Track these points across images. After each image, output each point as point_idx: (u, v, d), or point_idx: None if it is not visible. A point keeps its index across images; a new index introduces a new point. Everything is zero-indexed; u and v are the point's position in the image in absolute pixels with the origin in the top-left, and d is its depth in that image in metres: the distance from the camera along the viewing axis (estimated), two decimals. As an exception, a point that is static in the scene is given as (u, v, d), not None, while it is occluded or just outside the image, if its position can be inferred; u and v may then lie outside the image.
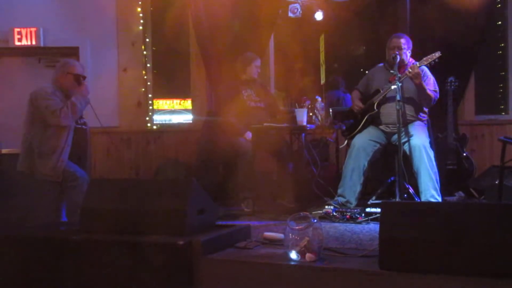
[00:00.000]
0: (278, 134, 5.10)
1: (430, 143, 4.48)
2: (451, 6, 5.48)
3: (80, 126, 4.43)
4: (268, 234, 3.32)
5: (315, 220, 2.82)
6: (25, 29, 6.51)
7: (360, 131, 4.76)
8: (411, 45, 4.70)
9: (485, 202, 4.63)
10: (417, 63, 4.56)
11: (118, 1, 6.63)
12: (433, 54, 4.46)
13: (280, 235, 3.20)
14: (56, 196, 4.26)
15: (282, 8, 6.23)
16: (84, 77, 4.47)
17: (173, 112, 7.00)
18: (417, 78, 4.42)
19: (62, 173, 4.20)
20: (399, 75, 4.40)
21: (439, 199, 4.32)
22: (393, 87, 4.46)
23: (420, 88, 4.50)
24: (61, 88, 4.34)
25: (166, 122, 6.97)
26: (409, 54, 4.69)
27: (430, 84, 4.63)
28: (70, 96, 4.34)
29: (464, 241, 2.39)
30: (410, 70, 4.40)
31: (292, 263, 2.73)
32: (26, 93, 4.35)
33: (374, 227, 3.85)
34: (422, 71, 4.62)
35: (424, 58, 4.51)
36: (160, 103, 6.99)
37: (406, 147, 4.43)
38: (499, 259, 2.33)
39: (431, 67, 4.64)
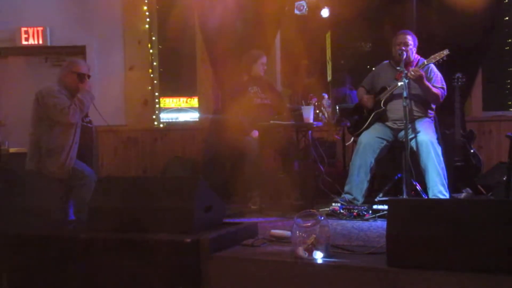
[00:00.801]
0: (285, 131, 5.10)
1: (438, 139, 4.46)
2: (458, 2, 5.44)
3: (85, 124, 4.44)
4: (275, 231, 3.31)
5: (322, 218, 2.82)
6: (32, 29, 6.54)
7: (366, 128, 4.75)
8: (416, 42, 4.70)
9: (492, 199, 4.62)
10: (425, 60, 4.55)
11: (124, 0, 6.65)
12: (441, 52, 4.44)
13: (287, 233, 3.20)
14: (64, 195, 4.28)
15: (288, 5, 6.23)
16: (89, 76, 4.49)
17: (179, 110, 7.01)
18: (419, 80, 4.41)
19: (70, 171, 4.22)
20: (406, 71, 4.39)
21: (447, 195, 4.31)
22: (400, 83, 4.45)
23: (425, 89, 4.49)
24: (66, 87, 4.35)
25: (173, 120, 6.99)
26: (414, 51, 4.68)
27: (438, 81, 4.62)
28: (75, 95, 4.36)
29: (471, 238, 2.39)
30: (413, 73, 4.37)
31: (299, 260, 2.72)
32: (33, 92, 4.36)
33: (381, 224, 3.84)
34: (429, 68, 4.61)
35: (432, 56, 4.49)
36: (167, 101, 7.00)
37: (413, 143, 4.41)
38: (507, 256, 2.32)
39: (438, 64, 4.62)
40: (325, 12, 6.08)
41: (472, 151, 5.34)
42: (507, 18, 6.35)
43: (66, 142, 4.23)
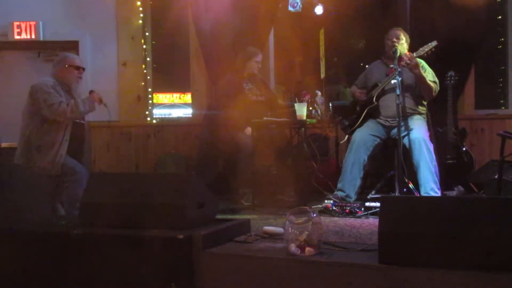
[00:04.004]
0: (278, 128, 5.10)
1: (430, 136, 4.48)
2: (452, 1, 5.46)
3: (78, 121, 4.43)
4: (268, 228, 3.32)
5: (315, 214, 2.83)
6: (24, 23, 6.49)
7: (360, 125, 4.77)
8: (409, 40, 4.74)
9: (484, 197, 4.64)
10: (414, 53, 4.56)
11: (118, -6, 6.63)
12: (429, 44, 4.47)
13: (279, 229, 3.21)
14: (54, 190, 4.27)
15: (282, 2, 6.22)
16: (83, 69, 4.49)
17: (172, 106, 7.00)
18: (415, 67, 4.42)
19: (61, 167, 4.20)
20: (399, 68, 4.40)
21: (439, 192, 4.34)
22: (393, 81, 4.46)
23: (420, 78, 4.51)
24: (62, 81, 4.34)
25: (166, 116, 6.97)
26: (406, 47, 4.71)
27: (429, 75, 4.65)
28: (71, 90, 4.35)
29: (463, 235, 2.40)
30: (408, 61, 4.39)
31: (292, 257, 2.73)
32: (25, 86, 4.35)
33: (373, 222, 3.85)
34: (420, 63, 4.63)
35: (421, 48, 4.52)
36: (160, 97, 6.99)
37: (405, 141, 4.43)
38: (498, 253, 2.34)
39: (431, 61, 4.64)
40: (319, 9, 6.08)
41: (464, 149, 5.37)
42: (499, 17, 6.37)
43: (56, 139, 4.21)
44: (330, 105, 5.54)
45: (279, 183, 5.08)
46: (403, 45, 4.66)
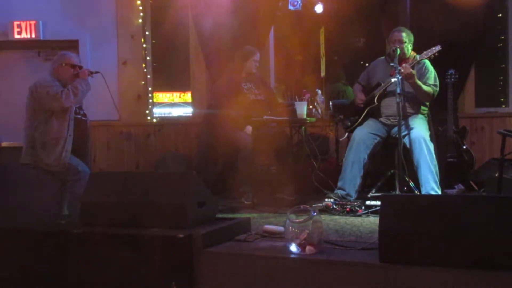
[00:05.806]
0: (278, 127, 5.10)
1: (430, 136, 4.48)
2: (452, -1, 5.46)
3: (80, 117, 4.45)
4: (268, 227, 3.32)
5: (315, 213, 2.83)
6: (24, 22, 6.49)
7: (360, 123, 4.76)
8: (412, 39, 4.70)
9: (484, 195, 4.64)
10: (418, 56, 4.56)
11: (117, -6, 6.62)
12: (433, 48, 4.46)
13: (280, 228, 3.21)
14: (58, 189, 4.28)
15: (282, 0, 6.21)
16: (81, 67, 4.52)
17: (173, 105, 7.00)
18: (410, 78, 4.41)
19: (66, 164, 4.21)
20: (399, 68, 4.40)
21: (439, 192, 4.33)
22: (393, 80, 4.45)
23: (415, 87, 4.50)
24: (59, 79, 4.38)
25: (166, 115, 6.97)
26: (410, 48, 4.69)
27: (431, 78, 4.63)
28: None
29: (463, 234, 2.40)
30: (402, 70, 4.38)
31: (292, 256, 2.74)
32: (26, 86, 4.36)
33: (374, 220, 3.85)
34: (424, 64, 4.62)
35: (424, 52, 4.51)
36: (160, 96, 6.99)
37: (406, 140, 4.43)
38: (499, 251, 2.34)
39: (432, 60, 4.63)
40: (319, 8, 6.07)
41: (464, 147, 5.36)
42: (500, 15, 6.37)
43: (60, 134, 4.24)
44: (330, 103, 5.53)
45: (279, 182, 5.08)
46: (407, 47, 4.65)
